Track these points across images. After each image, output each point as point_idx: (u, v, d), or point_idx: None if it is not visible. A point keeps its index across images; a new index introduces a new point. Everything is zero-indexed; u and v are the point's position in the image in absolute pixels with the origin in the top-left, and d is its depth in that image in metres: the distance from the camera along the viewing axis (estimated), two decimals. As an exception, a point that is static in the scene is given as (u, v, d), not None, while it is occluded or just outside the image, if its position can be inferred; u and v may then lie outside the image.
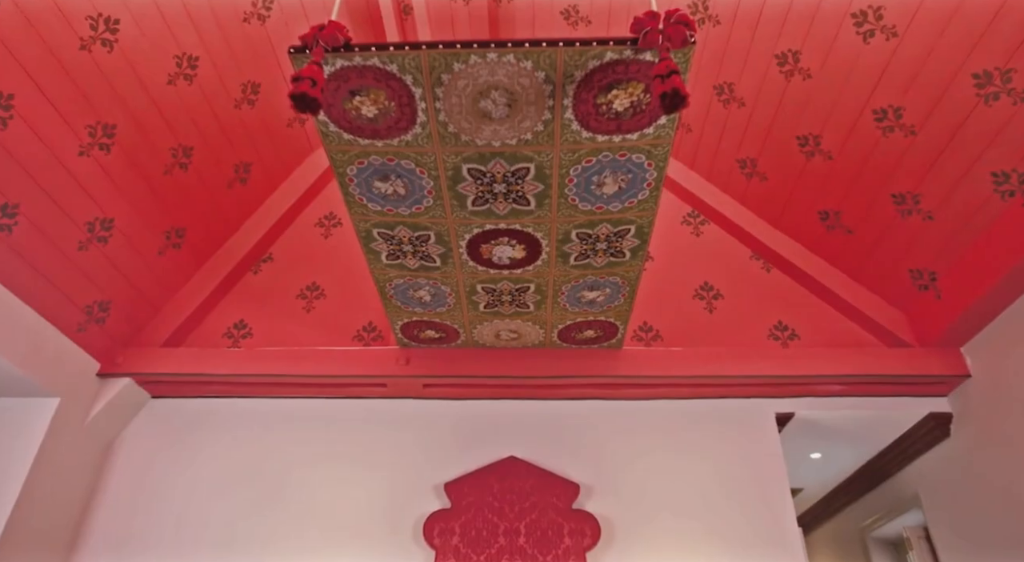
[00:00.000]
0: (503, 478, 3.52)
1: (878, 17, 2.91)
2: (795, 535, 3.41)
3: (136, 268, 3.61)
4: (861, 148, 3.33)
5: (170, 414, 3.83)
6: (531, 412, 3.78)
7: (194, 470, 3.65)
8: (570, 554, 3.27)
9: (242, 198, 4.12)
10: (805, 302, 3.99)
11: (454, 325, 3.43)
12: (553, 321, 3.38)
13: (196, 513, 3.52)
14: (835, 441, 4.13)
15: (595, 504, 3.49)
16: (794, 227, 4.00)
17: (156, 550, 3.41)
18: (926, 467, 3.93)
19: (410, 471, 3.61)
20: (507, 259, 2.90)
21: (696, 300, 4.05)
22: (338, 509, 3.49)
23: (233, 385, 3.76)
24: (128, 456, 3.70)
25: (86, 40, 2.88)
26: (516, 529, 3.35)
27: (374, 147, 2.35)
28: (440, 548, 3.30)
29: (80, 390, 3.50)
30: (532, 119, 2.22)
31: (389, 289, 3.15)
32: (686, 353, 3.67)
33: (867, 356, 3.64)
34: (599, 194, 2.54)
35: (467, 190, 2.52)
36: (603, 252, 2.86)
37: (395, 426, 3.75)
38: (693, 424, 3.71)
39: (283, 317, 4.03)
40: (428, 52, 2.01)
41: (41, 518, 3.23)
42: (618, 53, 2.01)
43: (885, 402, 3.75)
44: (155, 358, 3.71)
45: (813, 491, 5.00)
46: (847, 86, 3.20)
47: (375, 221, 2.71)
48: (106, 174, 3.22)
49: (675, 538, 3.38)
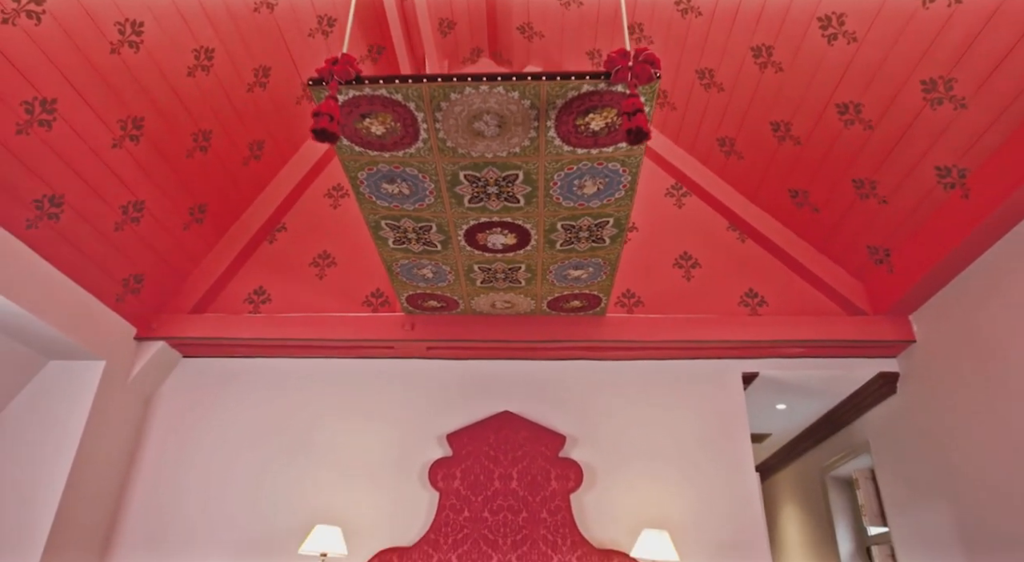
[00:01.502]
0: (498, 430, 4.00)
1: (840, 23, 3.16)
2: (752, 477, 3.91)
3: (165, 243, 3.98)
4: (826, 137, 3.64)
5: (200, 372, 4.28)
6: (523, 372, 4.22)
7: (224, 422, 4.13)
8: (556, 496, 3.78)
9: (257, 173, 4.43)
10: (775, 271, 4.36)
11: (454, 297, 3.83)
12: (542, 293, 3.77)
13: (227, 459, 4.02)
14: (797, 395, 4.59)
15: (579, 452, 3.98)
16: (768, 202, 4.33)
17: (194, 493, 3.93)
18: (875, 418, 4.41)
19: (416, 423, 4.08)
20: (500, 245, 3.26)
21: (676, 269, 4.42)
22: (354, 457, 3.99)
23: (256, 347, 4.19)
24: (165, 410, 4.18)
25: (115, 44, 3.15)
26: (509, 474, 3.84)
27: (382, 157, 2.68)
28: (444, 490, 3.81)
29: (121, 353, 3.94)
30: (520, 137, 2.54)
31: (396, 268, 3.52)
32: (664, 320, 4.08)
33: (827, 322, 4.04)
34: (580, 194, 2.88)
35: (464, 191, 2.87)
36: (585, 239, 3.22)
37: (402, 384, 4.20)
38: (668, 382, 4.16)
39: (298, 283, 4.42)
40: (429, 85, 2.32)
41: (97, 464, 3.72)
42: (593, 85, 2.32)
43: (841, 362, 4.19)
44: (185, 323, 4.13)
45: (780, 436, 5.52)
46: (814, 81, 3.47)
47: (383, 214, 3.06)
48: (136, 162, 3.55)
49: (648, 480, 3.89)
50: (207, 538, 3.81)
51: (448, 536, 3.67)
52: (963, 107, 2.96)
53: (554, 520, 3.70)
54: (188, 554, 3.77)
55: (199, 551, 3.77)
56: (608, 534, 3.73)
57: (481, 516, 3.72)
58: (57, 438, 3.57)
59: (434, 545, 3.66)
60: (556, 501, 3.76)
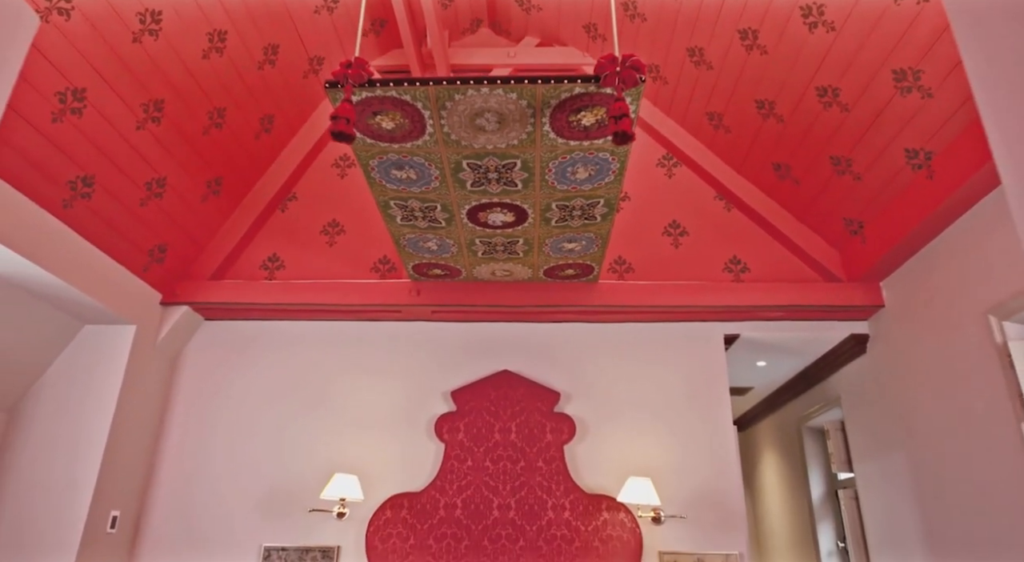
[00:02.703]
0: (498, 387, 4.36)
1: (820, 12, 3.35)
2: (730, 430, 4.29)
3: (185, 215, 4.24)
4: (806, 117, 3.86)
5: (222, 334, 4.61)
6: (521, 334, 4.56)
7: (245, 379, 4.48)
8: (551, 447, 4.16)
9: (268, 146, 4.66)
10: (758, 239, 4.64)
11: (457, 266, 4.12)
12: (539, 263, 4.07)
13: (249, 414, 4.39)
14: (776, 354, 4.94)
15: (572, 407, 4.34)
16: (752, 174, 4.57)
17: (220, 445, 4.31)
18: (846, 375, 4.77)
19: (423, 381, 4.44)
20: (500, 222, 3.54)
21: (665, 236, 4.70)
22: (366, 411, 4.36)
23: (272, 311, 4.51)
24: (190, 369, 4.52)
25: (136, 33, 3.35)
26: (508, 428, 4.22)
27: (391, 148, 2.93)
28: (448, 442, 4.19)
29: (149, 317, 4.26)
30: (517, 131, 2.79)
31: (403, 241, 3.80)
32: (652, 286, 4.39)
33: (804, 289, 4.36)
34: (573, 179, 3.14)
35: (466, 176, 3.12)
36: (578, 217, 3.49)
37: (409, 345, 4.54)
38: (655, 343, 4.50)
39: (310, 250, 4.70)
40: (435, 88, 2.55)
41: (132, 420, 4.08)
42: (584, 88, 2.55)
43: (816, 325, 4.52)
44: (206, 289, 4.43)
45: (761, 390, 5.91)
46: (796, 65, 3.68)
47: (391, 195, 3.32)
48: (158, 142, 3.78)
49: (634, 432, 4.27)
50: (234, 486, 4.21)
51: (453, 483, 4.07)
52: (930, 96, 3.19)
53: (549, 468, 4.10)
54: (218, 501, 4.17)
55: (227, 499, 4.18)
56: (597, 481, 4.14)
57: (483, 465, 4.11)
58: (97, 396, 3.92)
59: (440, 490, 4.06)
60: (551, 452, 4.15)
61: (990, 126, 1.28)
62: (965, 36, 1.56)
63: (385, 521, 3.99)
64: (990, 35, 1.79)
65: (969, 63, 1.46)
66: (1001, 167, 1.25)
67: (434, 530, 3.96)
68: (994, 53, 1.81)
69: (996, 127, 1.28)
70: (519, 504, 4.00)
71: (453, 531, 3.95)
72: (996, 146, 1.27)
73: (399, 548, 3.92)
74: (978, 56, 1.91)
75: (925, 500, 3.80)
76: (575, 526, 3.95)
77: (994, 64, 1.88)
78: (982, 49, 1.92)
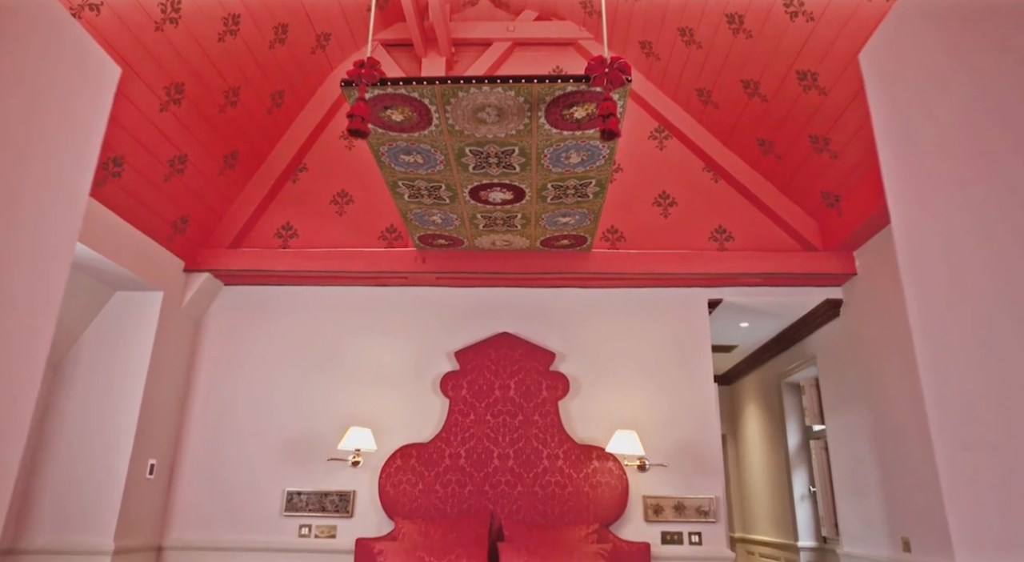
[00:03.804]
0: (498, 347, 4.72)
1: (800, 3, 3.57)
2: (711, 387, 4.67)
3: (204, 188, 4.52)
4: (788, 98, 4.10)
5: (241, 299, 4.95)
6: (519, 298, 4.90)
7: (263, 340, 4.85)
8: (547, 402, 4.55)
9: (279, 120, 4.90)
10: (742, 210, 4.93)
11: (460, 237, 4.43)
12: (536, 235, 4.37)
13: (268, 372, 4.77)
14: (757, 316, 5.30)
15: (566, 366, 4.72)
16: (739, 148, 4.83)
17: (242, 401, 4.71)
18: (821, 337, 5.13)
19: (428, 342, 4.80)
20: (499, 199, 3.83)
21: (655, 206, 4.98)
22: (376, 370, 4.74)
23: (287, 277, 4.84)
24: (213, 332, 4.88)
25: (159, 22, 3.57)
26: (507, 385, 4.60)
27: (400, 137, 3.20)
28: (453, 398, 4.58)
29: (174, 284, 4.59)
30: (515, 123, 3.06)
31: (410, 215, 4.10)
32: (642, 255, 4.71)
33: (784, 257, 4.67)
34: (567, 163, 3.42)
35: (468, 161, 3.40)
36: (572, 195, 3.78)
37: (416, 308, 4.89)
38: (643, 307, 4.84)
39: (320, 220, 4.99)
40: (440, 87, 2.82)
41: (163, 379, 4.46)
42: (576, 87, 2.82)
43: (795, 290, 4.85)
44: (225, 257, 4.75)
45: (744, 348, 6.29)
46: (778, 50, 3.90)
47: (400, 176, 3.61)
48: (179, 122, 4.04)
49: (624, 387, 4.66)
50: (257, 437, 4.62)
51: (457, 435, 4.48)
52: (898, 85, 3.44)
53: (544, 422, 4.50)
54: (243, 450, 4.59)
55: (251, 448, 4.59)
56: (588, 433, 4.55)
57: (484, 419, 4.51)
58: (131, 356, 4.28)
59: (446, 441, 4.47)
60: (546, 406, 4.54)
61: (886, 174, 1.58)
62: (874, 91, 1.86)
63: (396, 468, 4.42)
64: (898, 96, 2.11)
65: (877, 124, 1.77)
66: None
67: (440, 477, 4.38)
68: (898, 122, 2.13)
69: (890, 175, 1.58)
70: (517, 454, 4.42)
71: (457, 478, 4.38)
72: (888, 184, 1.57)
73: (409, 493, 4.36)
74: (884, 125, 2.22)
75: (884, 450, 4.21)
76: (568, 473, 4.38)
77: (896, 134, 2.20)
78: (889, 117, 2.23)
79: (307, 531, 4.42)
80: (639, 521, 4.38)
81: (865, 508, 4.47)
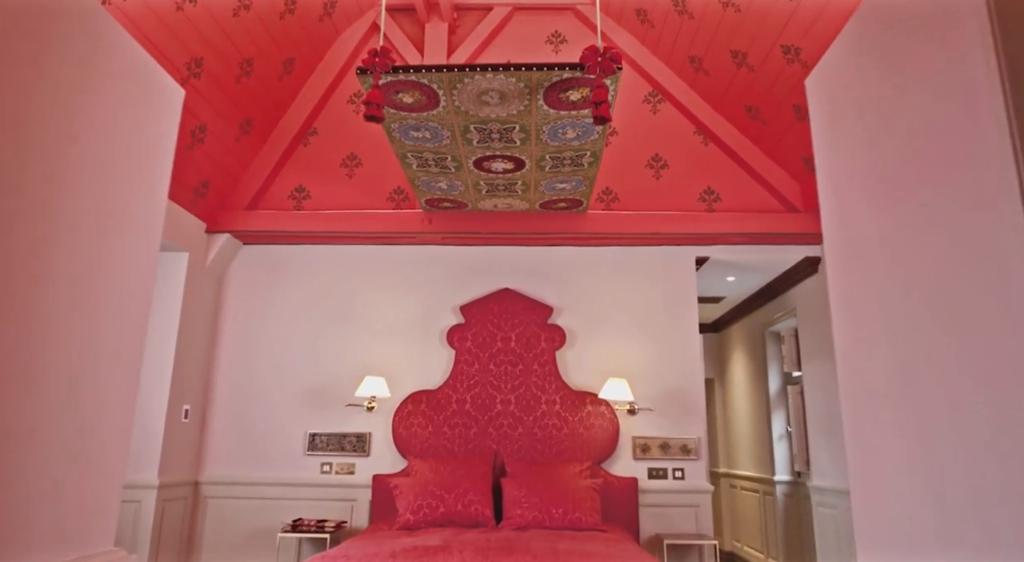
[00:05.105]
0: (500, 302, 5.09)
1: (785, -17, 3.78)
2: (696, 339, 5.07)
3: (222, 155, 4.80)
4: (773, 69, 4.34)
5: (259, 257, 5.30)
6: (520, 256, 5.24)
7: (282, 296, 5.22)
8: (545, 353, 4.96)
9: (290, 86, 5.13)
10: (730, 172, 5.22)
11: (464, 200, 4.73)
12: (535, 198, 4.68)
13: (287, 326, 5.16)
14: (742, 271, 5.66)
15: (563, 319, 5.11)
16: (728, 113, 5.08)
17: (264, 352, 5.11)
18: (801, 291, 5.50)
19: (435, 297, 5.18)
20: (501, 169, 4.12)
21: (647, 169, 5.27)
22: (387, 323, 5.13)
23: (301, 237, 5.17)
24: (234, 288, 5.25)
25: (179, 2, 3.78)
26: (509, 337, 5.00)
27: (410, 116, 3.48)
28: (458, 349, 4.98)
29: (198, 244, 4.93)
30: (516, 105, 3.33)
31: (417, 181, 4.40)
32: (634, 216, 5.02)
33: (768, 218, 5.00)
34: (563, 137, 3.71)
35: (473, 136, 3.69)
36: (568, 164, 4.07)
37: (423, 266, 5.24)
38: (635, 264, 5.20)
39: (332, 182, 5.28)
40: (447, 74, 3.08)
41: (193, 331, 4.85)
42: (572, 74, 3.08)
43: (777, 248, 5.19)
44: (243, 218, 5.07)
45: (731, 300, 6.67)
46: (764, 24, 4.12)
47: (409, 149, 3.89)
48: (199, 94, 4.29)
49: (616, 337, 5.06)
50: (279, 384, 5.05)
51: (463, 382, 4.90)
52: (872, 63, 3.68)
53: (543, 370, 4.92)
54: (267, 396, 5.03)
55: (275, 394, 5.03)
56: (583, 380, 4.97)
57: (487, 368, 4.93)
58: (163, 312, 4.65)
59: (452, 388, 4.90)
60: (544, 356, 4.95)
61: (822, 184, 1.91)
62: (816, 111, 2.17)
63: (407, 413, 4.86)
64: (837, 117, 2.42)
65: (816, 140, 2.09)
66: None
67: (448, 420, 4.83)
68: (838, 147, 2.45)
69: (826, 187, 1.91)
70: (518, 399, 4.85)
71: (463, 421, 4.83)
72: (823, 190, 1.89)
73: (419, 434, 4.81)
74: (822, 142, 2.54)
75: (851, 396, 4.63)
76: (564, 417, 4.82)
77: (830, 151, 2.52)
78: (827, 135, 2.55)
79: (328, 468, 4.90)
80: (628, 459, 4.86)
81: (834, 447, 4.93)
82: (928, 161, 2.04)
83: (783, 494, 6.01)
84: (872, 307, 2.41)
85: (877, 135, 2.35)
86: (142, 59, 2.81)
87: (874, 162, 2.38)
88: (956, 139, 1.91)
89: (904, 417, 2.18)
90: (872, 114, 2.39)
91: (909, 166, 2.15)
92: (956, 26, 1.90)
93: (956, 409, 1.87)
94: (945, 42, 1.95)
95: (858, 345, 2.56)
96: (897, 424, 2.23)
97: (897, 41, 2.23)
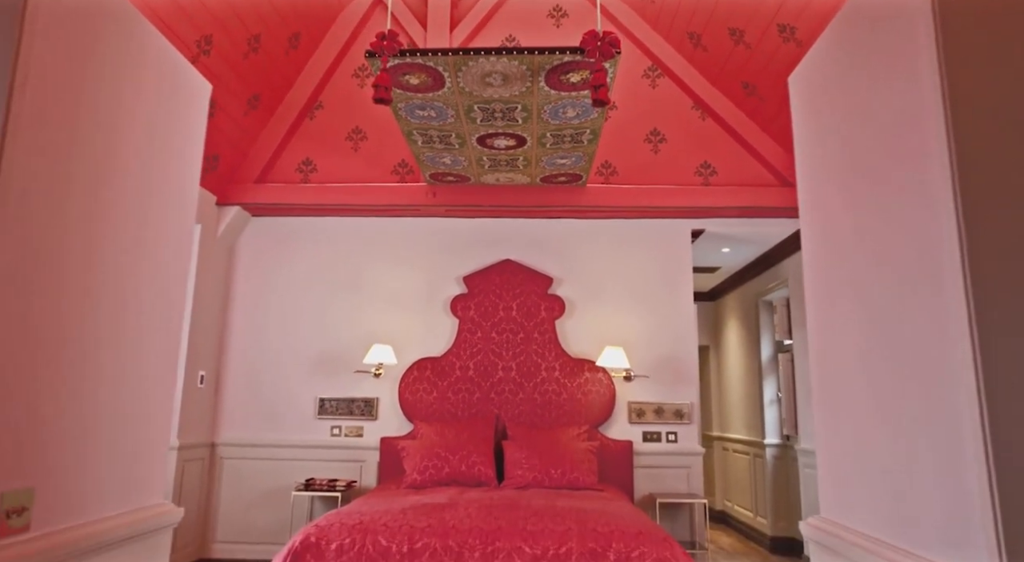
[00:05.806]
0: (502, 273, 5.28)
1: (782, -36, 3.86)
2: (691, 308, 5.27)
3: (231, 129, 4.93)
4: (769, 47, 4.44)
5: (268, 229, 5.46)
6: (521, 228, 5.41)
7: (290, 266, 5.40)
8: (545, 322, 5.16)
9: (295, 60, 5.22)
10: (726, 146, 5.34)
11: (467, 174, 4.88)
12: (536, 173, 4.82)
13: (296, 295, 5.35)
14: (737, 243, 5.82)
15: (563, 289, 5.30)
16: (725, 88, 5.18)
17: (274, 320, 5.31)
18: (793, 262, 5.68)
19: (439, 268, 5.36)
20: (503, 146, 4.26)
21: (646, 143, 5.39)
22: (392, 292, 5.32)
23: (309, 210, 5.32)
24: (244, 259, 5.42)
25: (189, -19, 3.88)
26: (510, 306, 5.19)
27: (416, 97, 3.61)
28: (462, 318, 5.18)
29: (210, 216, 5.08)
30: (518, 87, 3.46)
31: (422, 157, 4.54)
32: (632, 190, 5.17)
33: (761, 192, 5.15)
34: (564, 116, 3.84)
35: (476, 115, 3.82)
36: (569, 141, 4.21)
37: (427, 237, 5.40)
38: (632, 237, 5.36)
39: (338, 155, 5.42)
40: (453, 58, 3.21)
41: (206, 301, 5.04)
42: (572, 58, 3.21)
43: (770, 222, 5.35)
44: (252, 191, 5.22)
45: (727, 269, 6.85)
46: (762, 3, 4.21)
47: (415, 127, 4.03)
48: (209, 71, 4.40)
49: (613, 306, 5.26)
50: (290, 351, 5.26)
51: (466, 350, 5.12)
52: (864, 44, 3.80)
53: (543, 339, 5.12)
54: (278, 364, 5.24)
55: (286, 361, 5.24)
56: (581, 348, 5.18)
57: (490, 336, 5.13)
58: (177, 283, 4.84)
59: (456, 355, 5.11)
60: (544, 325, 5.15)
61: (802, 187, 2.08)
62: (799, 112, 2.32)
63: (413, 379, 5.08)
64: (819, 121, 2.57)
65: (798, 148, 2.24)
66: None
67: (452, 386, 5.06)
68: (818, 145, 2.61)
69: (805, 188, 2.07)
70: (519, 366, 5.07)
71: (467, 387, 5.05)
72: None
73: (425, 399, 5.04)
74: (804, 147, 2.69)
75: (837, 364, 4.85)
76: (563, 383, 5.05)
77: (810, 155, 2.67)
78: (809, 139, 2.70)
79: (338, 431, 5.14)
80: (624, 423, 5.10)
81: (820, 411, 5.16)
82: (889, 156, 2.21)
83: (772, 456, 6.28)
84: (844, 292, 2.59)
85: (850, 130, 2.51)
86: (172, 56, 2.96)
87: (846, 155, 2.55)
88: (908, 137, 2.08)
89: (864, 385, 2.38)
90: (845, 110, 2.55)
91: (876, 159, 2.32)
92: (909, 26, 2.05)
93: (898, 388, 2.07)
94: (903, 41, 2.10)
95: (828, 324, 2.75)
96: (860, 391, 2.43)
97: (869, 40, 2.37)
